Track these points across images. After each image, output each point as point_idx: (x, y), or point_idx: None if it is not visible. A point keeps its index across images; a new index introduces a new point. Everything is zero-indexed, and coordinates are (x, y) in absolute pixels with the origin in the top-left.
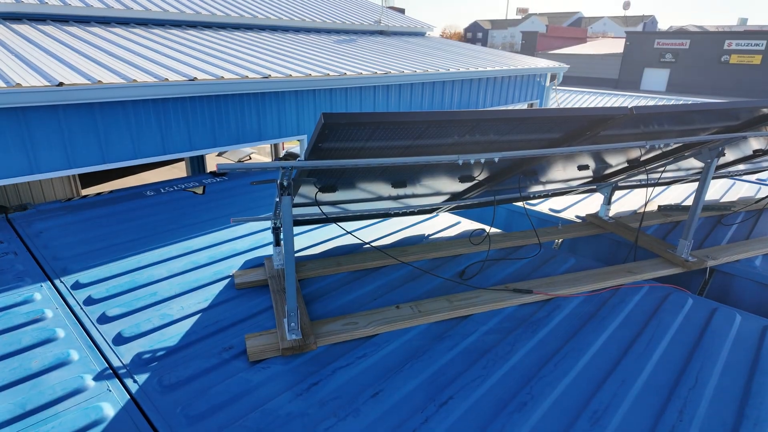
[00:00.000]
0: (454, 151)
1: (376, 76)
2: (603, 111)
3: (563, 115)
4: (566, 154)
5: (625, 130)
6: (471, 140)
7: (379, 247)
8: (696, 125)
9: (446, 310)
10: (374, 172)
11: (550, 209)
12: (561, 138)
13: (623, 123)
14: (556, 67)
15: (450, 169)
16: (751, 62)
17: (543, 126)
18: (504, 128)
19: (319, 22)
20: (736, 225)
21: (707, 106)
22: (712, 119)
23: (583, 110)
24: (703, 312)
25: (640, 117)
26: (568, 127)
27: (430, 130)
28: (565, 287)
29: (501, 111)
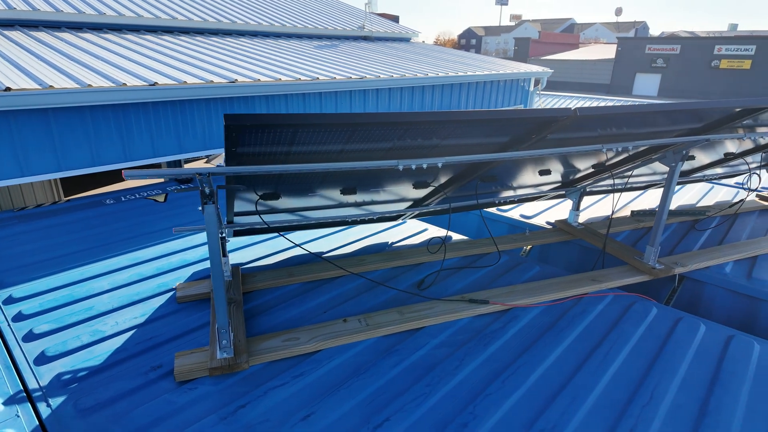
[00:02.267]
0: (396, 156)
1: (350, 80)
2: (546, 112)
3: (501, 117)
4: (518, 159)
5: (580, 133)
6: (413, 144)
7: (339, 256)
8: (661, 127)
9: (397, 322)
10: (315, 178)
11: (521, 215)
12: (509, 142)
13: (572, 125)
14: (540, 72)
15: (402, 176)
16: (741, 67)
17: (485, 129)
18: (443, 132)
19: (301, 27)
20: (710, 230)
21: (657, 107)
22: (675, 121)
23: (523, 112)
24: (667, 322)
25: (586, 119)
26: (513, 130)
27: (359, 133)
28: (524, 297)
29: (434, 113)
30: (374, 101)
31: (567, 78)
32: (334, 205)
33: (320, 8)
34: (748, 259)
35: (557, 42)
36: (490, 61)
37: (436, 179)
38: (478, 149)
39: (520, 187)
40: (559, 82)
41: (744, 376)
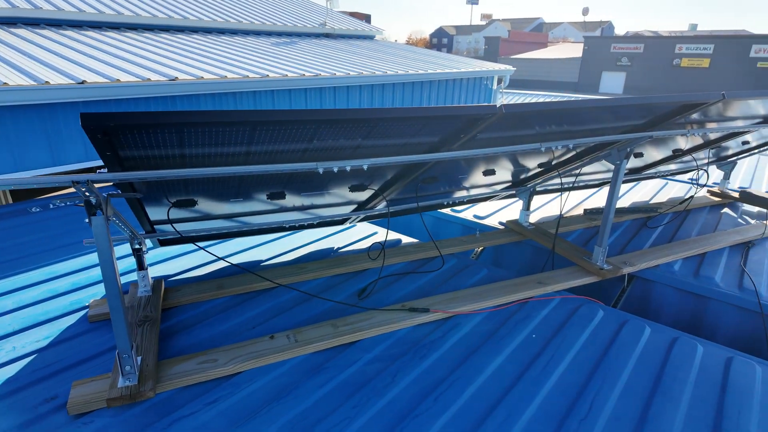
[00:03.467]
0: (316, 157)
1: (304, 78)
2: (469, 110)
3: (420, 115)
4: (454, 159)
5: (518, 131)
6: (335, 145)
7: (278, 264)
8: (605, 124)
9: (330, 337)
10: (231, 183)
11: (474, 216)
12: (439, 141)
13: (502, 123)
14: (502, 70)
15: (335, 179)
16: (700, 65)
17: (409, 128)
18: (363, 131)
19: (258, 24)
20: (661, 227)
21: (589, 103)
22: (619, 117)
23: (443, 109)
24: (612, 325)
25: (514, 116)
26: (439, 130)
27: (265, 133)
28: (467, 303)
29: (350, 111)
30: (331, 99)
31: (536, 76)
32: (269, 211)
33: (280, 5)
34: (696, 256)
35: (526, 41)
36: (453, 59)
37: (374, 181)
38: (407, 150)
39: (471, 187)
40: (529, 81)
41: (686, 381)
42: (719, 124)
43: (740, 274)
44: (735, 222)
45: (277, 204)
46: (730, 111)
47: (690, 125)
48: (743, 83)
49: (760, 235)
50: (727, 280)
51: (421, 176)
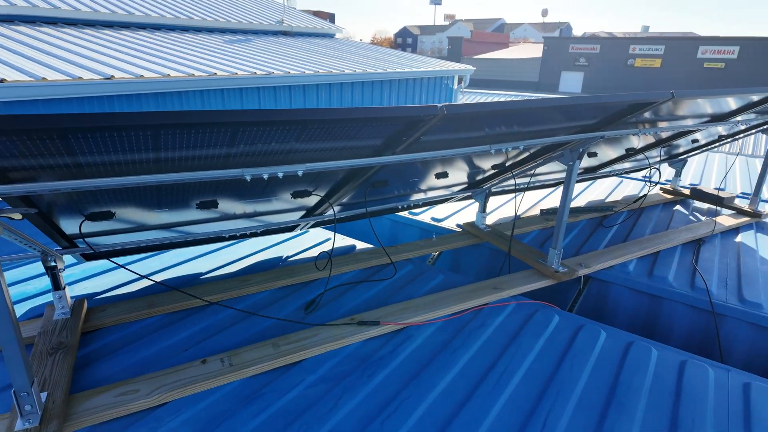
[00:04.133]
0: (242, 163)
1: (255, 76)
2: (409, 111)
3: (355, 117)
4: (394, 163)
5: (468, 133)
6: (265, 149)
7: (221, 277)
8: (556, 124)
9: (269, 358)
10: (146, 193)
11: (432, 218)
12: (382, 145)
13: (446, 125)
14: (462, 70)
15: (272, 185)
16: (653, 65)
17: (346, 130)
18: (291, 135)
19: (211, 21)
20: (617, 226)
21: (535, 104)
22: (572, 117)
23: (378, 110)
24: (568, 331)
25: (457, 117)
26: (378, 132)
27: (172, 138)
28: (421, 312)
29: (276, 112)
30: (286, 99)
31: (499, 76)
32: (208, 219)
33: (235, 1)
34: (650, 255)
35: (489, 41)
36: (414, 58)
37: (320, 186)
38: (347, 154)
39: (426, 190)
40: (492, 81)
41: (640, 389)
42: (669, 123)
43: (692, 273)
44: (687, 219)
45: (218, 212)
46: (680, 110)
47: (641, 124)
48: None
49: (710, 232)
50: (679, 279)
51: (371, 180)
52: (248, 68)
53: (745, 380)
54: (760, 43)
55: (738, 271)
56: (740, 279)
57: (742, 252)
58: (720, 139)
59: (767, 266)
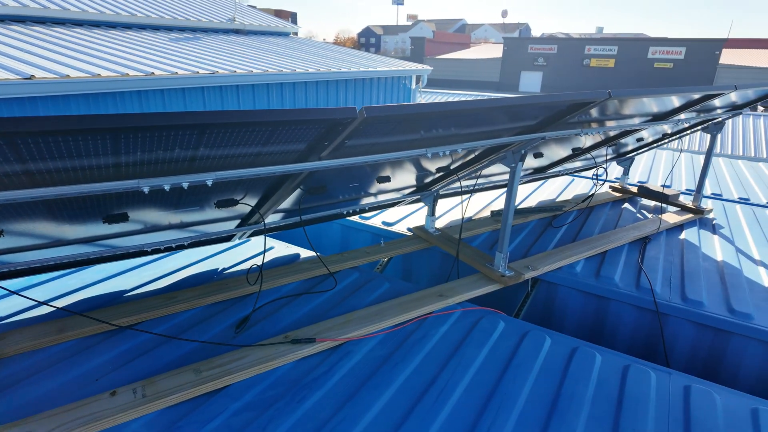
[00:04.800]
0: (138, 173)
1: (198, 76)
2: (320, 114)
3: (260, 120)
4: (318, 169)
5: (401, 136)
6: (166, 157)
7: (146, 294)
8: (497, 125)
9: (189, 386)
10: (33, 209)
11: (382, 222)
12: (306, 150)
13: (376, 128)
14: (420, 69)
15: (194, 193)
16: (607, 65)
17: (255, 135)
18: (191, 141)
19: (155, 18)
20: (566, 226)
21: (468, 105)
22: (514, 118)
23: (288, 113)
24: (513, 338)
25: (379, 120)
26: (296, 136)
27: (37, 147)
28: (362, 326)
29: (155, 116)
30: (234, 99)
31: (461, 76)
32: (130, 232)
33: None
34: (598, 255)
35: (450, 42)
36: (371, 58)
37: (249, 194)
38: (266, 160)
39: (373, 194)
40: (454, 81)
41: (583, 398)
42: (612, 123)
43: (638, 272)
44: (634, 217)
45: (142, 223)
46: (622, 109)
47: (583, 124)
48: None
49: (656, 230)
50: (625, 279)
51: (306, 186)
52: (192, 67)
53: (686, 383)
54: (704, 45)
55: (681, 269)
56: (683, 277)
57: (686, 249)
58: (665, 137)
59: (708, 263)
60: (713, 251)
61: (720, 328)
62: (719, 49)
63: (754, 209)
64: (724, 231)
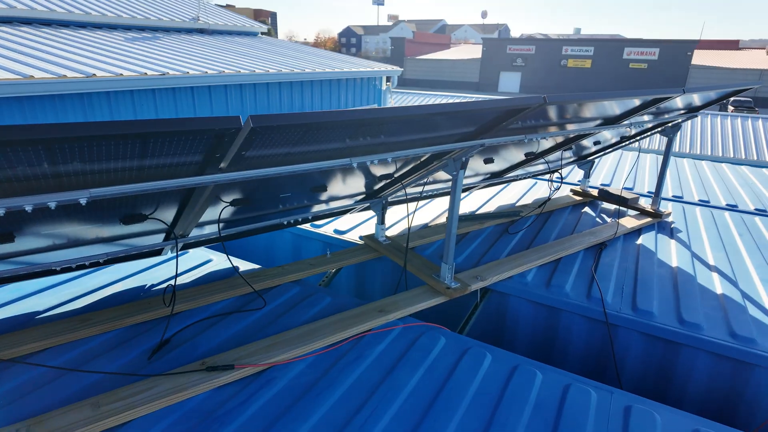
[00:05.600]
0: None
1: (146, 77)
2: (198, 124)
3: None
4: (205, 184)
5: (317, 145)
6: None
7: (61, 315)
8: (433, 132)
9: (84, 423)
10: None
11: (335, 230)
12: (204, 161)
13: (275, 138)
14: (389, 71)
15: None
16: (584, 66)
17: (128, 148)
18: (37, 155)
19: (112, 16)
20: (523, 232)
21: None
22: (444, 125)
23: (151, 124)
24: (452, 356)
25: (271, 130)
26: (187, 149)
27: None
28: (291, 348)
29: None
30: (188, 102)
31: (441, 77)
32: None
33: None
34: (552, 262)
35: (431, 42)
36: (341, 59)
37: (161, 209)
38: (160, 173)
39: (323, 201)
40: (434, 81)
41: (518, 423)
42: (560, 128)
43: (590, 281)
44: (593, 222)
45: (61, 237)
46: (568, 114)
47: (529, 130)
48: (619, 82)
49: (613, 235)
50: (577, 288)
51: (227, 199)
52: (143, 69)
53: (627, 403)
54: (677, 46)
55: (635, 277)
56: (636, 285)
57: (641, 255)
58: (623, 140)
59: (663, 269)
60: (669, 257)
61: (669, 339)
62: (691, 50)
63: (713, 212)
64: (682, 235)
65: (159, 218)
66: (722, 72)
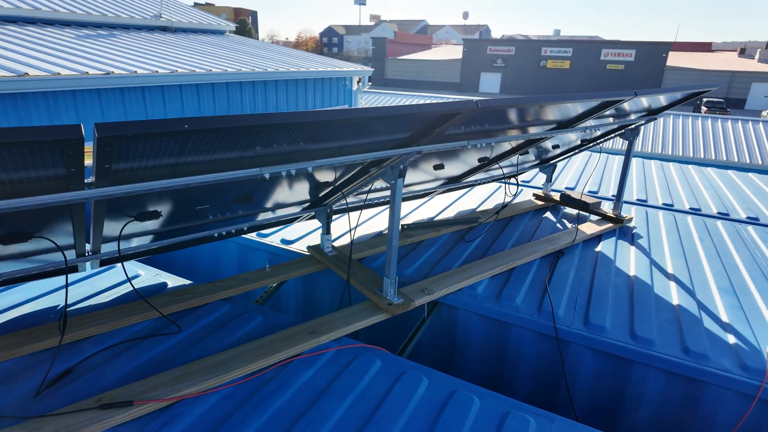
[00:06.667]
0: None
1: (86, 77)
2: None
3: None
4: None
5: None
6: None
7: None
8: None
9: None
10: None
11: (281, 240)
12: (66, 176)
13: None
14: (359, 71)
15: None
16: (562, 67)
17: None
18: None
19: (64, 12)
20: (480, 239)
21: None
22: (375, 132)
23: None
24: (385, 382)
25: (117, 140)
26: (39, 161)
27: None
28: (204, 379)
29: None
30: (138, 102)
31: (422, 77)
32: None
33: None
34: (506, 272)
35: (412, 42)
36: (310, 59)
37: (47, 227)
38: (20, 189)
39: (263, 210)
40: (416, 81)
41: None
42: (508, 133)
43: (543, 293)
44: (553, 228)
45: None
46: (514, 118)
47: (474, 135)
48: (596, 83)
49: (571, 242)
50: (528, 301)
51: (130, 213)
52: (85, 67)
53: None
54: (652, 47)
55: (590, 287)
56: (591, 297)
57: (599, 263)
58: (584, 143)
59: (620, 278)
60: (627, 265)
61: (621, 356)
62: (666, 52)
63: (675, 215)
64: (643, 241)
65: (48, 237)
66: (696, 73)
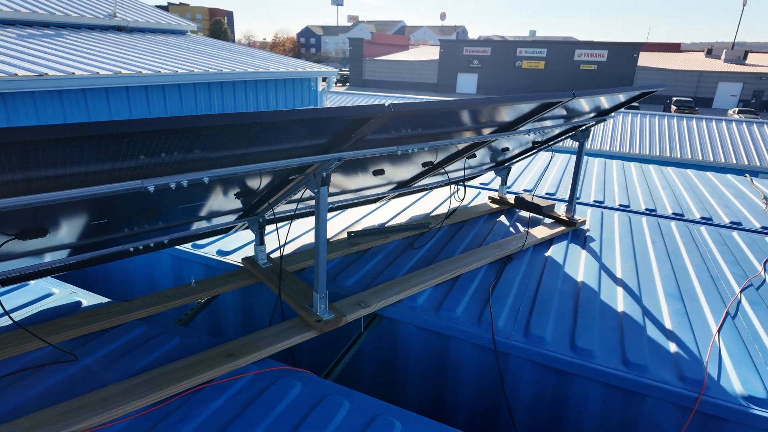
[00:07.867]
0: None
1: (16, 79)
2: None
3: None
4: None
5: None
6: None
7: None
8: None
9: None
10: None
11: (217, 251)
12: None
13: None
14: (324, 71)
15: None
16: (537, 67)
17: None
18: None
19: (8, 11)
20: (429, 245)
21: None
22: (282, 138)
23: None
24: (303, 408)
25: None
26: None
27: None
28: (98, 412)
29: None
30: (80, 105)
31: (400, 78)
32: None
33: None
34: (450, 281)
35: (389, 43)
36: (274, 59)
37: None
38: None
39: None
40: (393, 82)
41: None
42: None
43: (485, 302)
44: (506, 232)
45: None
46: (444, 122)
47: (403, 140)
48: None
49: (521, 247)
50: (469, 311)
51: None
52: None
53: None
54: (624, 48)
55: (534, 295)
56: (534, 305)
57: (547, 269)
58: (535, 145)
59: (567, 284)
60: (575, 270)
61: (560, 369)
62: (637, 52)
63: (631, 217)
64: (594, 245)
65: None
66: (665, 73)
